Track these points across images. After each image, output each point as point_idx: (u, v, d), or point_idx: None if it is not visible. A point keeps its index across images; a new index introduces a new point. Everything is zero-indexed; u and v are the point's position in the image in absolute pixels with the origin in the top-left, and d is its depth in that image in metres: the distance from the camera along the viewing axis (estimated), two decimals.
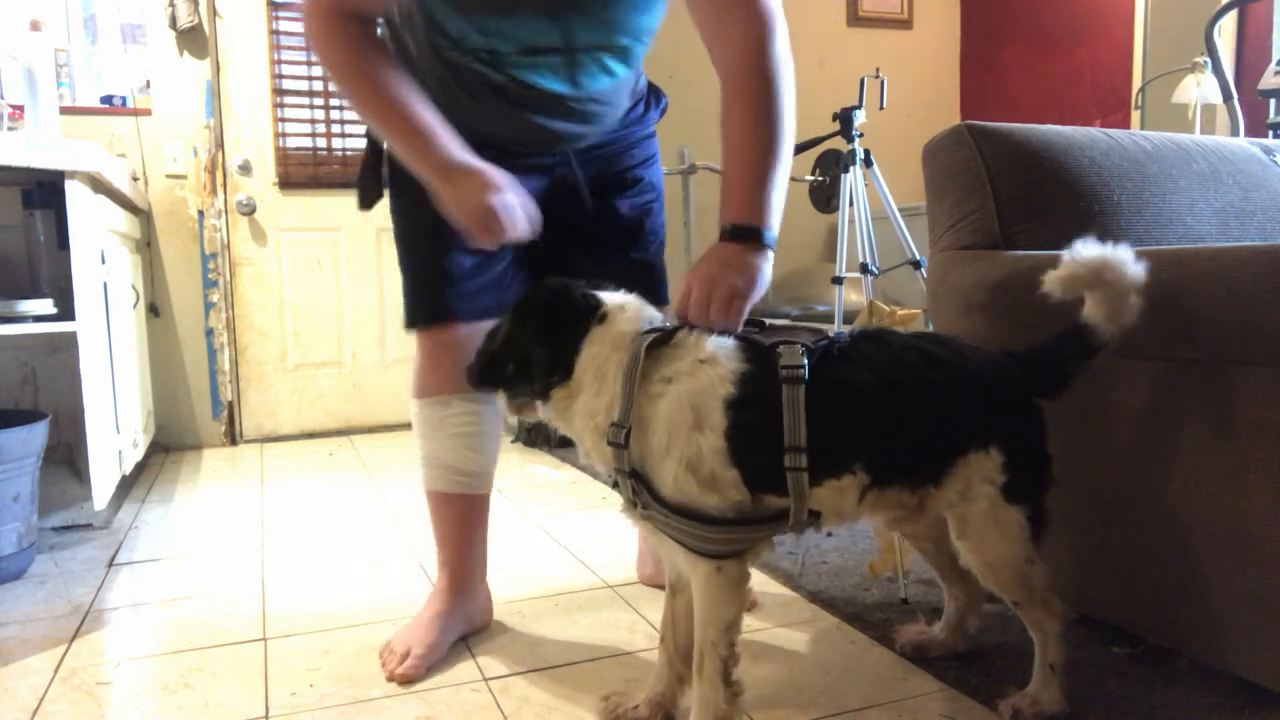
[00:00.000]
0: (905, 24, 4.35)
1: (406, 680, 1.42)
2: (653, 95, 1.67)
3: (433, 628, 1.51)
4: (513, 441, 3.43)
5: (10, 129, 2.50)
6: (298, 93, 3.57)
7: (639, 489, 1.12)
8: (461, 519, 1.58)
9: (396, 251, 1.61)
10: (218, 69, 3.45)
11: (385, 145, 1.49)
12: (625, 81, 1.50)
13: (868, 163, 2.55)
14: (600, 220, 1.59)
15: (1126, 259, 1.13)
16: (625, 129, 1.60)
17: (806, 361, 1.09)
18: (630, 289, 1.27)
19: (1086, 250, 1.13)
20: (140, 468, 3.08)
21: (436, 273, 1.52)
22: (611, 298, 1.19)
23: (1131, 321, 1.15)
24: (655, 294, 1.48)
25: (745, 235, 1.21)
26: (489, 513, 1.62)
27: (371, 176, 1.55)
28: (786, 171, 1.26)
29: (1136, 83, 3.46)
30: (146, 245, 3.36)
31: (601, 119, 1.52)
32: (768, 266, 1.22)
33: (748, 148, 1.24)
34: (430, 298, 1.53)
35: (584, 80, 1.42)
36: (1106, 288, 1.14)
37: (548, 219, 1.41)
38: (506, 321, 1.21)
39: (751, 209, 1.22)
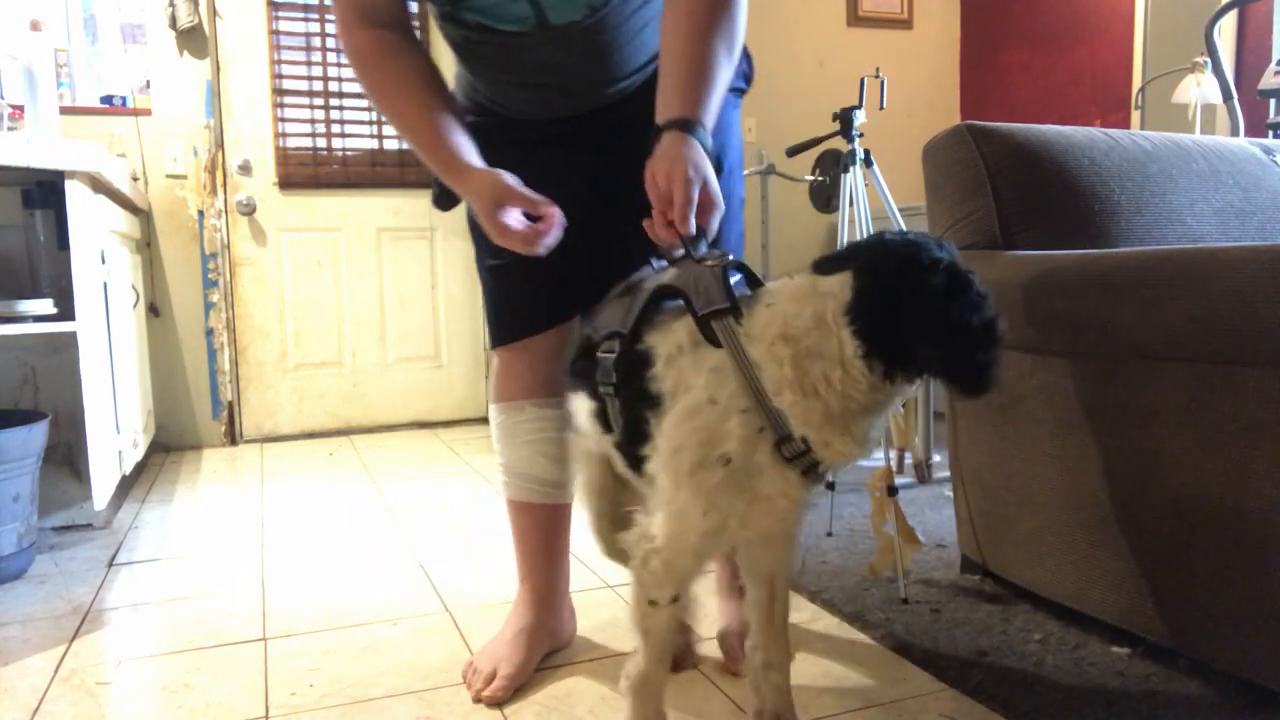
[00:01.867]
0: (905, 24, 4.35)
1: (494, 703, 1.35)
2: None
3: (519, 645, 1.42)
4: None
5: (10, 129, 2.50)
6: (298, 93, 3.57)
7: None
8: (541, 529, 1.49)
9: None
10: (218, 69, 3.45)
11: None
12: (621, 9, 1.27)
13: (868, 163, 2.56)
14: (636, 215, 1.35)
15: None
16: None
17: None
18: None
19: None
20: (140, 468, 3.08)
21: (498, 294, 1.47)
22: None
23: None
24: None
25: (683, 126, 1.12)
26: (570, 523, 1.52)
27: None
28: (725, 86, 1.18)
29: (1136, 83, 3.46)
30: (146, 245, 3.36)
31: (604, 60, 1.31)
32: (707, 162, 1.11)
33: (688, 56, 1.16)
34: (496, 320, 1.48)
35: (552, 13, 1.23)
36: None
37: (599, 196, 1.37)
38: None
39: (690, 105, 1.13)
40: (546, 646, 1.48)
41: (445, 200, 1.44)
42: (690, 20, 1.18)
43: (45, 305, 2.14)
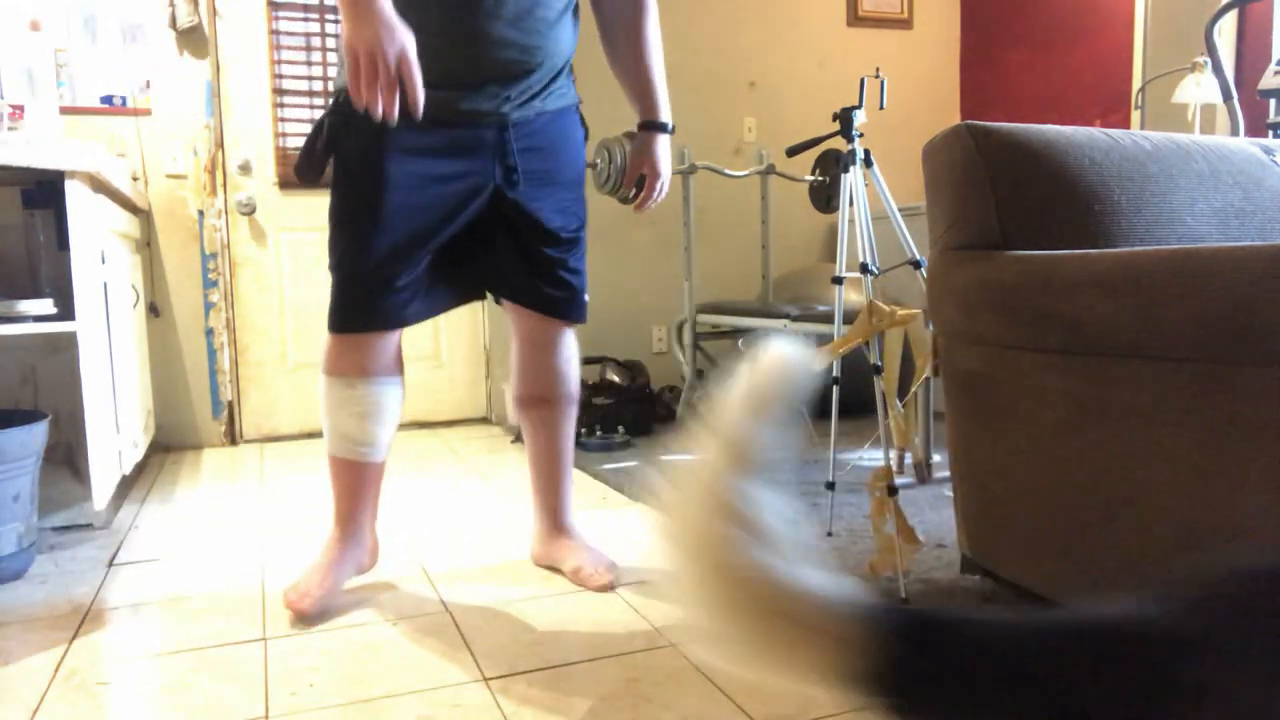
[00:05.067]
0: (905, 24, 4.35)
1: (302, 614, 1.67)
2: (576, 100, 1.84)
3: (330, 573, 1.75)
4: (512, 442, 3.43)
5: (10, 129, 2.50)
6: (298, 93, 3.57)
7: None
8: (358, 481, 1.79)
9: (330, 231, 1.70)
10: (218, 69, 3.45)
11: (329, 122, 1.63)
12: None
13: (868, 163, 2.55)
14: (524, 219, 1.72)
15: None
16: (554, 106, 1.74)
17: None
18: (543, 283, 1.74)
19: None
20: (140, 468, 3.08)
21: (372, 277, 1.65)
22: None
23: None
24: (568, 292, 1.78)
25: (666, 129, 1.84)
26: (383, 475, 1.84)
27: (315, 150, 1.66)
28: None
29: (1136, 83, 3.46)
30: (146, 245, 3.36)
31: (537, 41, 1.63)
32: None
33: (654, 65, 1.81)
34: (365, 307, 1.67)
35: None
36: None
37: (476, 209, 1.68)
38: None
39: (665, 109, 1.84)
40: (351, 572, 1.82)
41: (310, 170, 1.66)
42: (652, 47, 1.81)
43: (45, 305, 2.14)
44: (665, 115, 1.82)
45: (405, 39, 1.44)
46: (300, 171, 1.67)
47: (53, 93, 2.68)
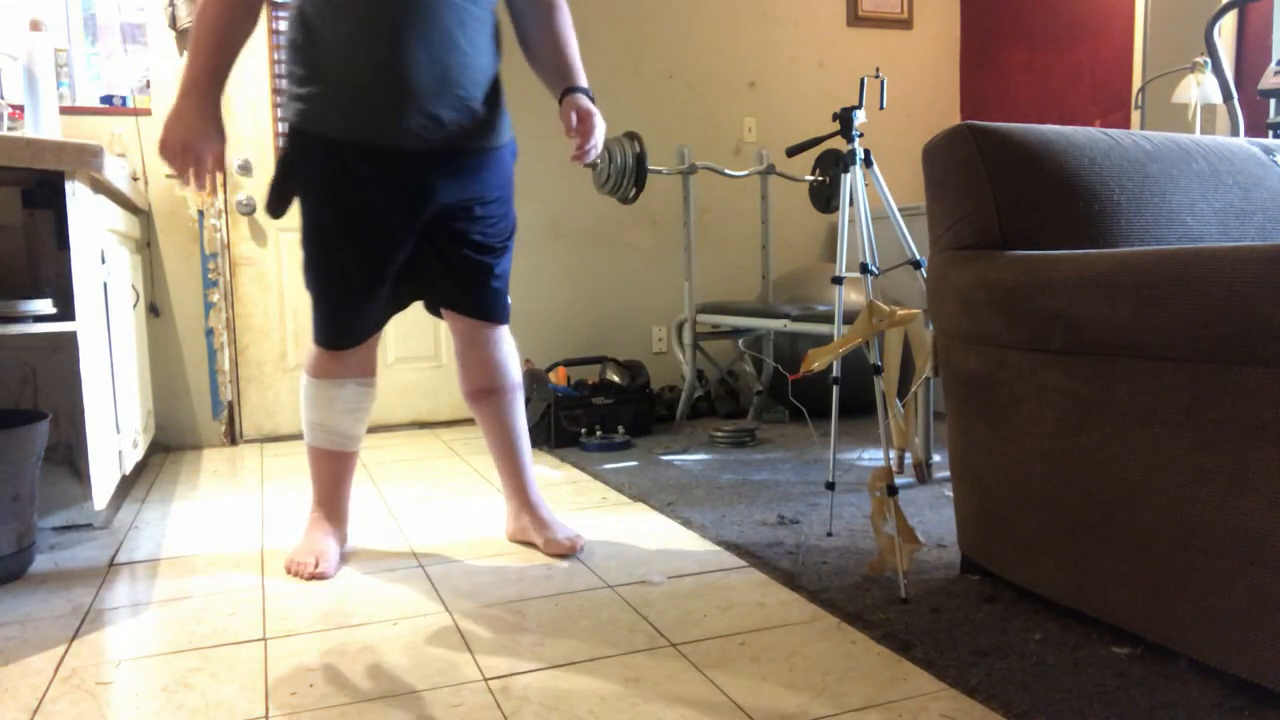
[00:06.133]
0: (905, 24, 4.35)
1: (325, 575, 1.91)
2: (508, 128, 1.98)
3: (326, 543, 1.98)
4: None
5: (10, 129, 2.50)
6: None
7: None
8: (340, 469, 2.02)
9: (304, 252, 1.88)
10: None
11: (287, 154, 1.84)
12: (478, 21, 1.82)
13: (868, 163, 2.56)
14: (451, 235, 1.90)
15: None
16: (486, 142, 1.89)
17: None
18: (469, 291, 1.93)
19: None
20: (140, 468, 3.08)
21: (349, 299, 1.87)
22: None
23: None
24: (493, 298, 1.96)
25: (588, 92, 1.91)
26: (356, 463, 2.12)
27: (280, 188, 1.85)
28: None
29: (1136, 83, 3.46)
30: (146, 245, 3.36)
31: (461, 68, 1.79)
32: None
33: (570, 49, 1.93)
34: (347, 328, 1.90)
35: None
36: None
37: (409, 225, 1.84)
38: None
39: (582, 79, 1.93)
40: (339, 547, 2.03)
41: (279, 207, 1.85)
42: (567, 37, 1.95)
43: (45, 305, 2.14)
44: (583, 82, 1.95)
45: (217, 143, 1.75)
46: (271, 209, 1.85)
47: (53, 93, 2.68)
